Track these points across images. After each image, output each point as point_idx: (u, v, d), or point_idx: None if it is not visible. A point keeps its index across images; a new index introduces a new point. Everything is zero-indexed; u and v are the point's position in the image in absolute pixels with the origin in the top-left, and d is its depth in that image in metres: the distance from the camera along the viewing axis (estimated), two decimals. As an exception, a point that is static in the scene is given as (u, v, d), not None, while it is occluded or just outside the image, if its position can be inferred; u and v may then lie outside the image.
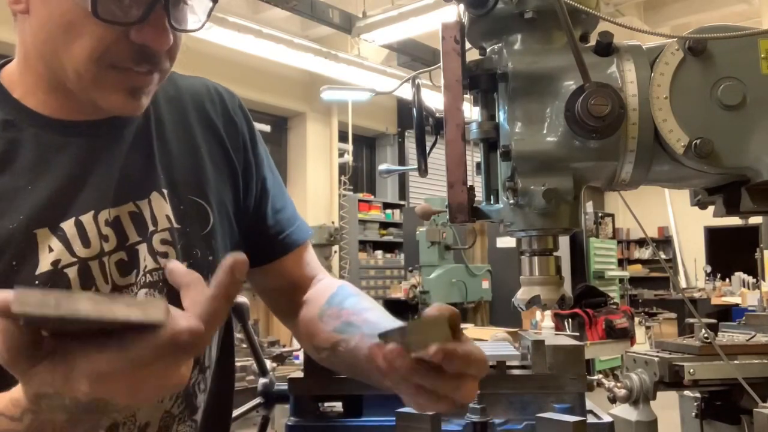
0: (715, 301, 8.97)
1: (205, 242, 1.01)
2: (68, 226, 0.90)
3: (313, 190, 10.26)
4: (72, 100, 0.91)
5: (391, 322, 0.94)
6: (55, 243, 0.88)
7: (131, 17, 0.82)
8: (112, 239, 0.93)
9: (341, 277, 8.81)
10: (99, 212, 0.92)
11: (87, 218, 0.91)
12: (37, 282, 0.86)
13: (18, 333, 0.58)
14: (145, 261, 0.94)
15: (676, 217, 12.90)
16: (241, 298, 1.58)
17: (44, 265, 0.87)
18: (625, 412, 1.49)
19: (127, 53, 0.85)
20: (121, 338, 0.60)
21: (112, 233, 0.93)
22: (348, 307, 1.04)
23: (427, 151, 0.92)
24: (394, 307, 6.62)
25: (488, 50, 0.89)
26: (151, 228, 0.96)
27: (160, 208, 0.97)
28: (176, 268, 0.76)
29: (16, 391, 0.65)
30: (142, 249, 0.95)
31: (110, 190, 0.93)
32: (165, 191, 0.98)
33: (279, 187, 1.17)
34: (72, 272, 0.89)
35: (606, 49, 0.83)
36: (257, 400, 1.52)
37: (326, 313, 1.06)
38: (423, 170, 0.92)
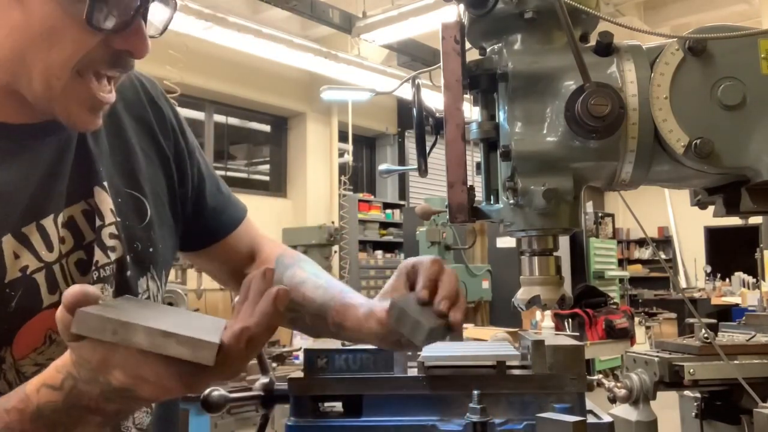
0: (715, 301, 8.98)
1: (144, 234, 1.02)
2: (30, 231, 0.89)
3: (313, 190, 10.25)
4: (15, 104, 0.89)
5: (326, 283, 1.13)
6: (21, 249, 0.87)
7: (118, 25, 0.83)
8: (69, 240, 0.92)
9: (341, 277, 8.82)
10: (57, 215, 0.92)
11: (48, 222, 0.90)
12: (8, 290, 0.85)
13: (66, 318, 0.62)
14: (97, 256, 0.95)
15: (676, 217, 12.91)
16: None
17: (13, 272, 0.86)
18: (625, 412, 1.48)
19: (103, 58, 0.85)
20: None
21: (68, 234, 0.92)
22: (286, 283, 1.15)
23: (427, 151, 0.92)
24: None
25: (488, 50, 0.89)
26: (98, 222, 0.96)
27: (104, 201, 0.97)
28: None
29: (61, 359, 0.68)
30: (96, 245, 0.95)
31: (63, 191, 0.93)
32: (105, 184, 0.98)
33: (211, 168, 1.21)
34: (40, 277, 0.88)
35: (606, 49, 0.83)
36: (255, 393, 1.52)
37: None
38: (423, 170, 0.92)
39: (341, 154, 10.52)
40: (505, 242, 6.50)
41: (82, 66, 0.85)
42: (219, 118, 9.79)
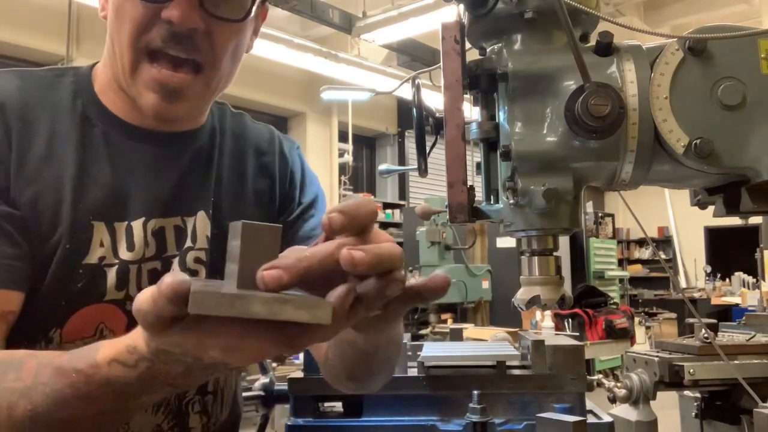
0: (715, 301, 8.97)
1: None
2: (120, 227, 0.93)
3: (313, 190, 10.25)
4: (136, 105, 0.95)
5: None
6: (107, 239, 0.92)
7: None
8: (152, 247, 0.96)
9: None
10: (149, 220, 0.95)
11: (137, 224, 0.94)
12: (81, 270, 0.89)
13: (168, 308, 0.57)
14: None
15: (676, 217, 12.91)
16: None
17: (92, 257, 0.90)
18: (625, 412, 1.48)
19: (158, 34, 0.88)
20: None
21: (153, 242, 0.96)
22: None
23: (427, 151, 0.92)
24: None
25: (488, 50, 0.89)
26: (188, 244, 0.98)
27: (204, 227, 1.00)
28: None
29: (133, 339, 0.65)
30: (176, 262, 0.97)
31: (162, 202, 0.97)
32: (210, 212, 1.01)
33: None
34: (111, 272, 0.92)
35: (606, 49, 0.83)
36: (255, 393, 1.52)
37: None
38: (423, 170, 0.92)
39: (341, 154, 10.52)
40: (505, 242, 6.49)
41: (144, 42, 0.89)
42: (219, 118, 9.79)
